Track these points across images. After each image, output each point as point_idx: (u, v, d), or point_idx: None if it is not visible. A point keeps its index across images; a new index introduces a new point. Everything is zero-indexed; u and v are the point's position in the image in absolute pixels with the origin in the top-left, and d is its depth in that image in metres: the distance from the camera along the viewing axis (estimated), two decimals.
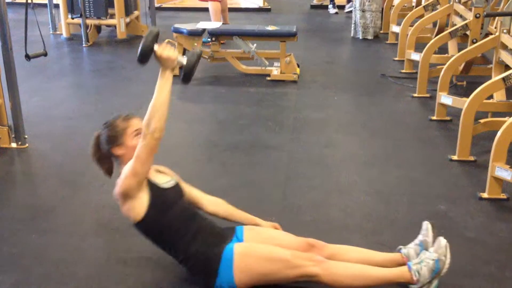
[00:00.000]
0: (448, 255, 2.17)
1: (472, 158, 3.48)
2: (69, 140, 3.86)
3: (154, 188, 2.25)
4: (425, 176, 3.31)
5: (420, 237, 2.35)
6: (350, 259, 2.28)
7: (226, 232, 2.34)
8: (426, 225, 2.38)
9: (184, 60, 2.23)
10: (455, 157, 3.50)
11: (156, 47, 2.16)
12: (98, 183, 3.21)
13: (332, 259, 2.27)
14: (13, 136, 3.73)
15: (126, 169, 2.19)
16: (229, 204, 2.55)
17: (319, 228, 2.73)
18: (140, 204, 2.21)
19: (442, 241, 2.20)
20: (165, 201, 2.26)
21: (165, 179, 2.35)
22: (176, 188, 2.37)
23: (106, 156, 2.34)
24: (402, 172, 3.35)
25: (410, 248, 2.33)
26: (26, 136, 3.75)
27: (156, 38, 2.19)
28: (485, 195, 3.03)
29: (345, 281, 2.17)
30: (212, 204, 2.53)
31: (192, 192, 2.52)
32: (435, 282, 2.18)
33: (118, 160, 2.32)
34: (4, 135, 3.70)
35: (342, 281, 2.16)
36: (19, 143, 3.72)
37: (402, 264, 2.28)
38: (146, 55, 2.16)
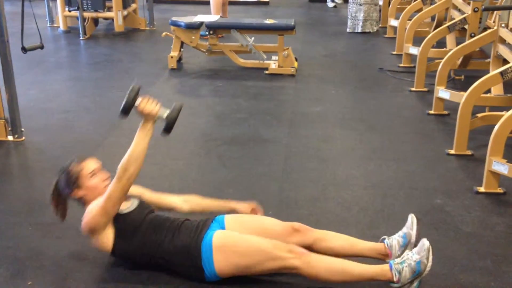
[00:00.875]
0: (430, 258, 2.15)
1: (469, 152, 3.48)
2: (66, 133, 3.86)
3: (116, 217, 2.28)
4: (422, 170, 3.32)
5: (404, 229, 2.36)
6: (333, 246, 2.30)
7: (201, 223, 2.33)
8: (411, 218, 2.38)
9: (164, 114, 2.34)
10: (452, 151, 3.50)
11: (138, 101, 2.29)
12: None
13: (316, 244, 2.29)
14: (9, 129, 3.72)
15: (95, 208, 2.24)
16: (201, 196, 2.58)
17: (316, 222, 2.73)
18: (107, 236, 2.27)
19: (426, 243, 2.18)
20: (130, 225, 2.29)
21: (125, 204, 2.36)
22: (139, 207, 2.37)
23: (65, 200, 2.41)
24: (399, 166, 3.36)
25: (393, 239, 2.33)
26: (22, 129, 3.74)
27: (137, 94, 2.32)
28: (482, 189, 3.04)
29: (325, 275, 2.17)
30: (186, 203, 2.56)
31: (162, 200, 2.55)
32: (415, 283, 2.17)
33: (81, 201, 2.37)
34: (1, 128, 3.69)
35: (322, 275, 2.16)
36: (16, 136, 3.71)
37: (384, 254, 2.29)
38: (129, 110, 2.30)
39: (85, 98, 4.62)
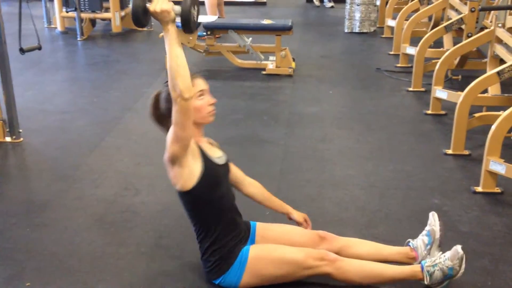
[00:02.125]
0: (463, 267, 2.17)
1: (466, 152, 3.48)
2: (64, 134, 3.85)
3: (207, 161, 2.17)
4: (419, 170, 3.32)
5: (427, 227, 2.36)
6: (360, 253, 2.30)
7: (246, 230, 2.32)
8: (432, 215, 2.39)
9: (178, 8, 2.06)
10: (449, 151, 3.51)
11: (148, 4, 2.01)
12: (92, 177, 3.21)
13: (342, 251, 2.29)
14: (7, 130, 3.72)
15: (169, 136, 2.07)
16: (263, 187, 2.52)
17: (313, 222, 2.72)
18: (191, 174, 2.13)
19: (460, 252, 2.17)
20: (217, 177, 2.21)
21: (218, 153, 2.28)
22: (226, 166, 2.32)
23: (167, 115, 2.13)
24: (397, 166, 3.36)
25: (418, 240, 2.34)
26: (20, 130, 3.74)
27: None
28: (479, 189, 3.04)
29: (357, 279, 2.19)
30: (252, 186, 2.49)
31: (236, 172, 2.45)
32: (445, 283, 2.19)
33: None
34: None
35: (355, 279, 2.19)
36: (14, 137, 3.70)
37: (412, 257, 2.30)
38: (140, 15, 2.03)
39: (82, 99, 4.62)
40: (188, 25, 2.07)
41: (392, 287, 2.24)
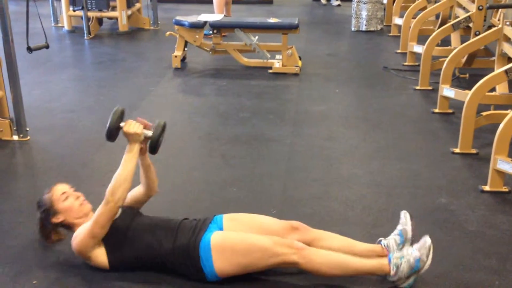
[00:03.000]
0: (430, 257, 2.17)
1: (474, 151, 3.47)
2: (71, 132, 3.87)
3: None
4: (426, 169, 3.31)
5: (398, 227, 2.36)
6: (332, 246, 2.30)
7: (199, 223, 2.34)
8: (404, 214, 2.40)
9: (149, 133, 2.36)
10: (457, 150, 3.49)
11: (122, 124, 2.33)
12: (99, 176, 3.21)
13: (314, 244, 2.29)
14: (14, 128, 3.74)
15: (82, 232, 2.28)
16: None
17: (319, 221, 2.73)
18: (99, 254, 2.30)
19: (428, 241, 2.19)
20: (117, 233, 2.29)
21: None
22: (123, 213, 2.38)
23: (52, 230, 2.42)
24: (404, 165, 3.35)
25: (390, 239, 2.33)
26: (27, 129, 3.75)
27: (122, 116, 2.36)
28: (486, 188, 3.03)
29: (324, 269, 2.19)
30: (141, 186, 2.54)
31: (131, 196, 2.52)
32: (412, 278, 2.19)
33: (64, 226, 2.40)
34: (6, 128, 3.70)
35: (321, 269, 2.19)
36: (21, 135, 3.72)
37: (382, 255, 2.29)
38: (114, 133, 2.35)
39: (89, 97, 4.63)
40: (154, 149, 2.37)
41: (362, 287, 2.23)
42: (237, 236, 2.24)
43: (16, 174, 3.39)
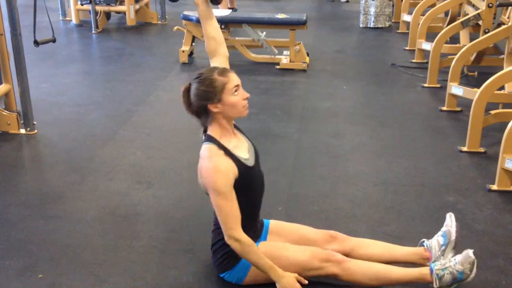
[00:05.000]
0: (474, 271, 2.14)
1: (482, 150, 3.45)
2: (77, 126, 3.87)
3: (241, 166, 2.11)
4: (434, 167, 3.29)
5: (443, 228, 2.33)
6: (372, 253, 2.27)
7: (260, 227, 2.31)
8: (449, 216, 2.36)
9: None
10: (464, 148, 3.47)
11: None
12: (106, 170, 3.22)
13: (353, 252, 2.26)
14: (22, 122, 3.74)
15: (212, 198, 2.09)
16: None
17: (326, 218, 2.73)
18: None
19: (471, 256, 2.15)
20: (250, 182, 2.16)
21: (245, 153, 2.19)
22: (257, 165, 2.24)
23: (200, 111, 2.15)
24: (411, 163, 3.33)
25: (433, 240, 2.30)
26: (34, 123, 3.76)
27: None
28: (494, 187, 3.01)
29: (364, 280, 2.17)
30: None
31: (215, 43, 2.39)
32: (454, 285, 2.17)
33: (210, 116, 2.14)
34: (13, 121, 3.71)
35: (362, 281, 2.17)
36: (28, 129, 3.73)
37: (425, 257, 2.26)
38: None
39: (96, 91, 4.64)
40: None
41: None
42: (280, 248, 2.20)
43: (23, 167, 3.40)
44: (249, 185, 2.15)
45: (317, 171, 3.24)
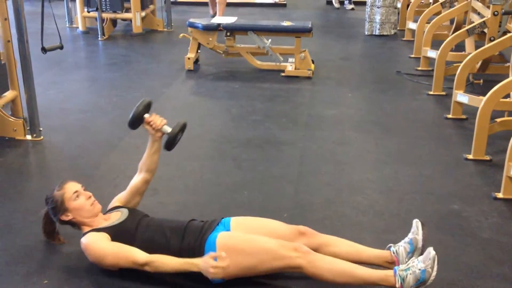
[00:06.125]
0: (435, 268, 2.12)
1: (487, 158, 3.44)
2: (83, 133, 3.89)
3: (111, 232, 2.32)
4: (439, 175, 3.28)
5: (409, 235, 2.33)
6: (339, 252, 2.28)
7: (207, 224, 2.34)
8: (416, 223, 2.36)
9: (168, 129, 2.45)
10: (470, 156, 3.46)
11: (147, 115, 2.45)
12: (111, 176, 3.23)
13: (321, 249, 2.27)
14: (28, 128, 3.76)
15: (99, 249, 2.30)
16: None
17: (330, 226, 2.72)
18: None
19: (431, 252, 2.15)
20: (126, 234, 2.32)
21: (116, 216, 2.43)
22: (131, 215, 2.42)
23: (55, 228, 2.51)
24: (416, 171, 3.33)
25: (400, 246, 2.30)
26: (41, 129, 3.78)
27: (148, 108, 2.46)
28: (500, 195, 3.00)
29: (328, 276, 2.16)
30: (140, 172, 2.61)
31: (131, 189, 2.60)
32: None
33: (72, 224, 2.43)
34: (19, 127, 3.73)
35: (325, 276, 2.16)
36: (34, 135, 3.75)
37: (391, 262, 2.26)
38: (137, 122, 2.46)
39: (102, 98, 4.66)
40: (170, 146, 2.47)
41: None
42: (243, 237, 2.23)
43: (29, 173, 3.41)
44: (126, 235, 2.31)
45: (322, 178, 3.24)
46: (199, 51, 5.49)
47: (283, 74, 5.21)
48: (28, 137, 3.75)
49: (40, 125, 3.79)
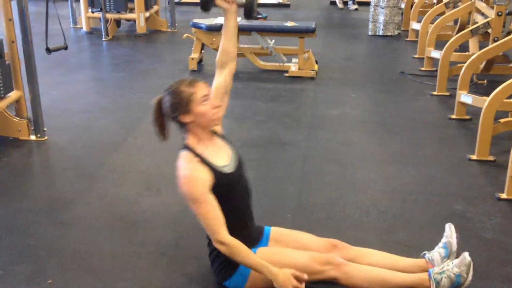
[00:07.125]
0: (471, 273, 2.13)
1: (491, 158, 3.43)
2: (87, 133, 3.90)
3: (216, 174, 2.12)
4: (442, 175, 3.28)
5: (443, 239, 2.32)
6: (372, 263, 2.25)
7: (257, 234, 2.31)
8: (449, 227, 2.34)
9: (243, 0, 2.33)
10: (474, 157, 3.46)
11: None
12: (114, 176, 3.24)
13: (356, 260, 2.25)
14: (32, 128, 3.77)
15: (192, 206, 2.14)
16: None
17: (334, 226, 2.72)
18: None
19: (467, 258, 2.14)
20: (228, 187, 2.16)
21: (223, 161, 2.20)
22: (238, 170, 2.24)
23: (166, 122, 2.23)
24: (419, 171, 3.32)
25: (434, 252, 2.29)
26: (45, 129, 3.79)
27: None
28: (503, 195, 2.99)
29: (364, 284, 2.16)
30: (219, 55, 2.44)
31: (218, 77, 2.45)
32: None
33: (184, 127, 2.18)
34: (24, 128, 3.74)
35: (361, 285, 2.16)
36: (38, 135, 3.76)
37: (426, 270, 2.24)
38: (210, 1, 2.32)
39: (106, 98, 4.67)
40: (249, 13, 2.35)
41: None
42: (278, 253, 2.21)
43: (33, 173, 3.42)
44: (228, 192, 2.16)
45: (325, 178, 3.24)
46: (202, 51, 5.50)
47: (286, 74, 5.21)
48: (32, 137, 3.77)
49: (44, 125, 3.80)
